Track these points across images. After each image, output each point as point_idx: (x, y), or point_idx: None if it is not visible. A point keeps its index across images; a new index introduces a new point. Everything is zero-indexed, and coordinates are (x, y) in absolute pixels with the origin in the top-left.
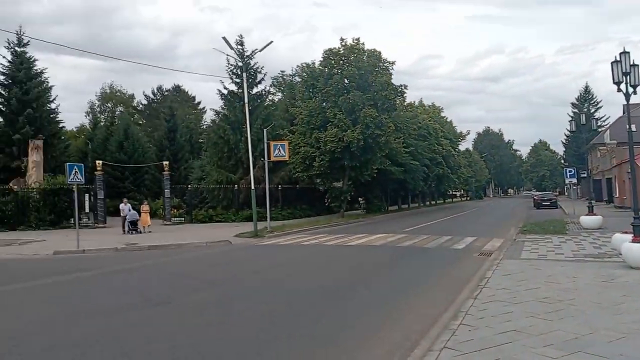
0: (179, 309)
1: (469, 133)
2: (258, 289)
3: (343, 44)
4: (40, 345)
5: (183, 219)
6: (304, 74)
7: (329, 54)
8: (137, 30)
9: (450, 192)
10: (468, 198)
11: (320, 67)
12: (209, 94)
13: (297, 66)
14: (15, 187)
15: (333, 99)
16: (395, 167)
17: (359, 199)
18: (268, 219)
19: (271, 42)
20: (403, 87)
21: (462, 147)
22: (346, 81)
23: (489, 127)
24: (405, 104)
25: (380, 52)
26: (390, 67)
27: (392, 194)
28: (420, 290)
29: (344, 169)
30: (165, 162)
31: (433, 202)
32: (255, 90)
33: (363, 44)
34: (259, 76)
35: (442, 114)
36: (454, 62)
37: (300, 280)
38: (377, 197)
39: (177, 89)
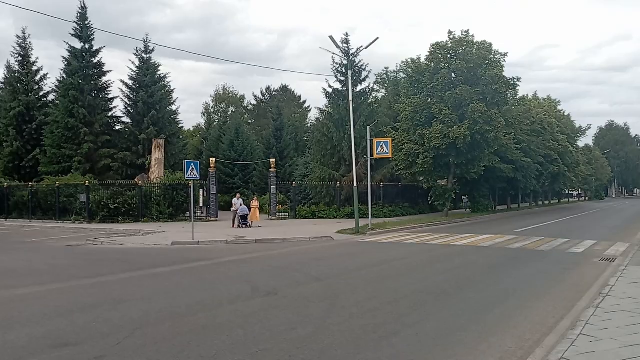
0: (286, 301)
1: (589, 128)
2: (361, 286)
3: (451, 37)
4: (174, 329)
5: (287, 214)
6: (409, 69)
7: (436, 48)
8: (248, 34)
9: (566, 192)
10: (586, 198)
11: (426, 62)
12: (314, 93)
13: (402, 62)
14: (140, 182)
15: (439, 94)
16: (505, 164)
17: (462, 197)
18: (369, 216)
19: (377, 38)
20: (515, 80)
21: (582, 143)
22: (453, 75)
23: (612, 121)
24: (517, 97)
25: (490, 44)
26: (502, 59)
27: (501, 193)
28: (533, 295)
29: (449, 167)
30: (272, 160)
31: (546, 202)
32: (359, 87)
33: (472, 36)
34: (364, 74)
35: (559, 108)
36: (574, 51)
37: (404, 279)
38: (484, 196)
39: (284, 88)
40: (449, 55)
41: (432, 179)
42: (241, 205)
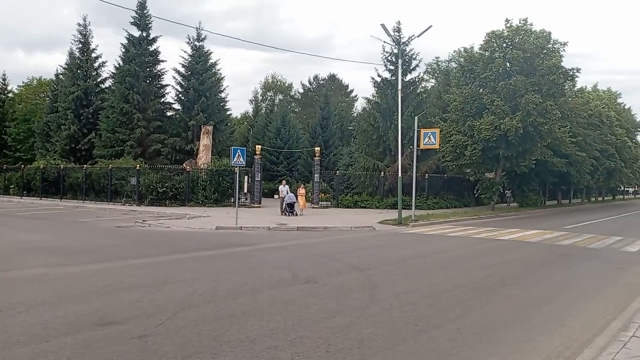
0: (326, 289)
1: None
2: (402, 278)
3: (508, 25)
4: (219, 311)
5: (330, 203)
6: (461, 58)
7: (492, 37)
8: (298, 23)
9: (622, 188)
10: None
11: (480, 51)
12: (361, 82)
13: (454, 51)
14: (188, 167)
15: (492, 84)
16: (558, 158)
17: (506, 191)
18: (413, 208)
19: (430, 26)
20: (575, 71)
21: None
22: (508, 65)
23: None
24: (575, 89)
25: (549, 33)
26: (561, 49)
27: (551, 188)
28: (583, 294)
29: (498, 159)
30: (317, 148)
31: (599, 199)
32: (408, 77)
33: (531, 24)
34: (414, 63)
35: (619, 100)
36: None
37: (446, 273)
38: (533, 190)
39: (332, 77)
40: (504, 44)
41: (479, 172)
42: (287, 192)
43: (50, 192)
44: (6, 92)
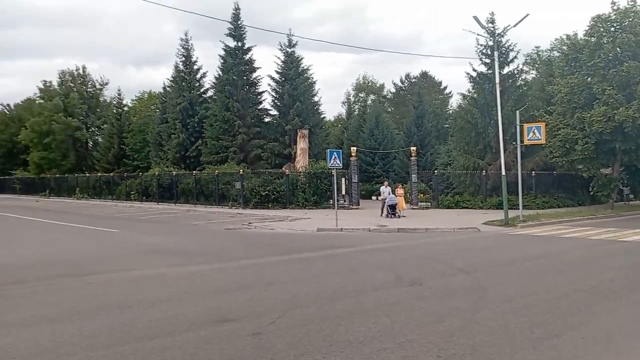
0: (431, 292)
1: None
2: (512, 281)
3: (614, 7)
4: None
5: (429, 203)
6: (564, 47)
7: (597, 21)
8: (387, 22)
9: None
10: None
11: (584, 38)
12: (455, 78)
13: (555, 39)
14: (287, 171)
15: (601, 72)
16: None
17: (624, 188)
18: (520, 207)
19: (527, 15)
20: None
21: None
22: (618, 50)
23: None
24: None
25: None
26: None
27: None
28: None
29: (614, 153)
30: (413, 148)
31: None
32: (506, 69)
33: None
34: (511, 54)
35: None
36: None
37: (562, 276)
38: None
39: (424, 75)
40: (612, 28)
41: (593, 167)
42: (389, 193)
43: (165, 197)
44: (122, 106)
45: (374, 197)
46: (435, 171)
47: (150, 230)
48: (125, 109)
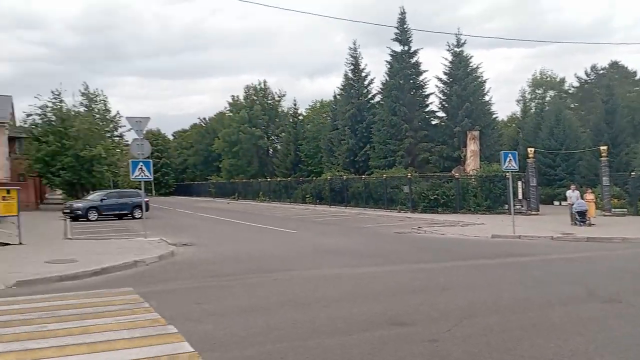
0: (634, 310)
1: None
2: None
3: None
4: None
5: (625, 210)
6: None
7: None
8: (567, 11)
9: None
10: None
11: None
12: None
13: None
14: (457, 174)
15: None
16: None
17: None
18: None
19: None
20: None
21: None
22: None
23: None
24: None
25: None
26: None
27: None
28: None
29: None
30: (603, 147)
31: None
32: None
33: None
34: None
35: None
36: None
37: None
38: None
39: (614, 65)
40: None
41: None
42: (577, 198)
43: (336, 200)
44: (297, 115)
45: (555, 202)
46: (632, 173)
47: (324, 231)
48: (300, 118)
